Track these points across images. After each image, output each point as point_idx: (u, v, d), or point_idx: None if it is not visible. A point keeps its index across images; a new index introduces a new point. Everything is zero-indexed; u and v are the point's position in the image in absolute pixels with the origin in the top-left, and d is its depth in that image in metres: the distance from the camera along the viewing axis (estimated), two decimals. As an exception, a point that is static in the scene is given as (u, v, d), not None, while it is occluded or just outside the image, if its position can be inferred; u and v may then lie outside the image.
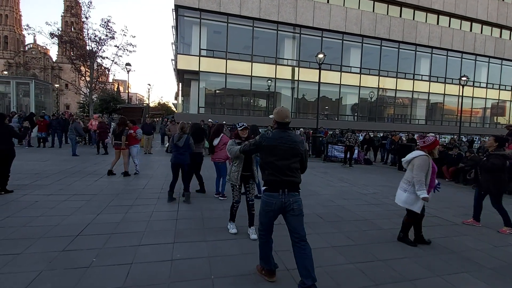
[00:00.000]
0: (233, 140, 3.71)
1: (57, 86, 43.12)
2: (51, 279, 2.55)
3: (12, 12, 66.71)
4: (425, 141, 3.67)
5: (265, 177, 2.61)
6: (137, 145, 7.52)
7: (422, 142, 3.69)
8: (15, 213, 4.18)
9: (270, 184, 2.56)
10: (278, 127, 2.66)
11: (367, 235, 4.02)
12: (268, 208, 2.56)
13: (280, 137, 2.59)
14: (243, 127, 3.82)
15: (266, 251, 2.70)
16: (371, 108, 25.08)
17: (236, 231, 3.77)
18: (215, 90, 22.02)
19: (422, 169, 3.51)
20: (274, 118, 2.67)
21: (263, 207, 2.60)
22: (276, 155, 2.55)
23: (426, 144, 3.64)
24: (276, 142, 2.57)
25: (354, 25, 22.49)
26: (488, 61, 27.83)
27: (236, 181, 3.61)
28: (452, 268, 3.16)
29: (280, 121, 2.64)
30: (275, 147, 2.55)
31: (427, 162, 3.55)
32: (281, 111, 2.66)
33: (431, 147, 3.63)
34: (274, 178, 2.54)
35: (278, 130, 2.65)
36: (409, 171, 3.68)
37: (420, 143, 3.74)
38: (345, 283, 2.73)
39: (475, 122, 29.01)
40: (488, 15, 26.64)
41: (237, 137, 3.85)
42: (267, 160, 2.58)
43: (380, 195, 6.61)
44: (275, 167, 2.54)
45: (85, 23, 19.73)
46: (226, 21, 19.97)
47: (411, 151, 3.77)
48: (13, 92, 16.81)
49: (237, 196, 3.73)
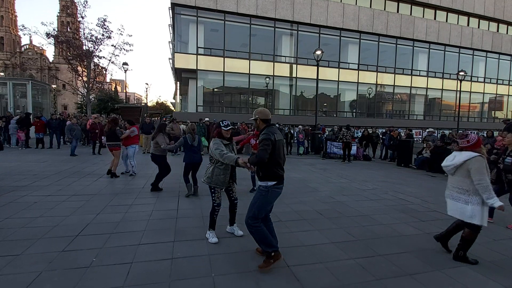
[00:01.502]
0: (220, 140, 3.37)
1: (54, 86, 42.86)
2: (51, 280, 2.54)
3: (8, 12, 66.20)
4: (469, 140, 3.14)
5: (272, 172, 2.79)
6: (135, 146, 7.25)
7: (466, 142, 3.15)
8: (14, 214, 4.17)
9: (279, 178, 2.81)
10: (266, 124, 2.92)
11: (367, 231, 4.03)
12: (273, 200, 2.88)
13: (276, 131, 2.86)
14: (229, 127, 3.43)
15: (268, 236, 2.86)
16: (370, 104, 25.08)
17: (217, 240, 3.44)
18: (213, 88, 21.94)
19: (483, 172, 2.97)
20: (260, 117, 2.92)
21: (270, 200, 2.84)
22: (279, 149, 2.82)
23: (470, 143, 3.12)
24: (280, 137, 2.86)
25: (352, 21, 22.43)
26: (486, 55, 27.85)
27: (222, 184, 3.35)
28: (452, 262, 3.18)
29: (266, 118, 2.93)
30: (280, 141, 2.84)
31: (484, 163, 3.03)
32: (264, 110, 2.96)
33: (476, 146, 3.12)
34: (282, 172, 2.85)
35: (270, 126, 2.90)
36: (461, 177, 3.12)
37: (464, 143, 3.18)
38: (345, 279, 2.74)
39: (473, 116, 29.07)
40: (485, 10, 26.61)
41: (220, 137, 3.44)
42: (274, 155, 2.78)
43: (380, 191, 6.63)
44: (280, 161, 2.84)
45: (81, 22, 19.65)
46: (223, 18, 19.86)
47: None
48: (10, 93, 16.70)
49: (219, 199, 3.44)
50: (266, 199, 2.81)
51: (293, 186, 6.74)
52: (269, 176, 2.78)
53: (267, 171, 2.78)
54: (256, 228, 2.81)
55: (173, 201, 5.12)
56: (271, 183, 2.78)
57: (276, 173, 2.78)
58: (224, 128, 3.41)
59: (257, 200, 2.85)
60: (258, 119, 2.94)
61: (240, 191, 5.82)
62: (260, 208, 2.82)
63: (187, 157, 5.47)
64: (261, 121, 2.92)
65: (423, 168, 10.17)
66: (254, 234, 2.84)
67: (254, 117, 2.96)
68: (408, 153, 11.14)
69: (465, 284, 2.73)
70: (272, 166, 2.77)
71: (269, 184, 2.78)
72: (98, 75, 21.88)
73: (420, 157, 10.58)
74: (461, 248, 3.20)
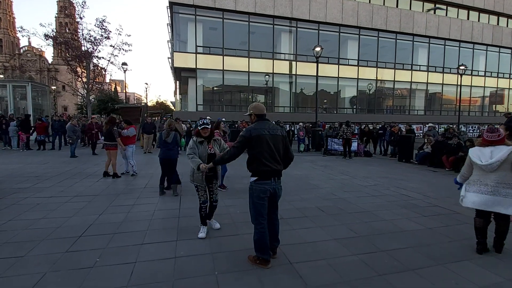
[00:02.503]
0: (195, 139, 3.48)
1: (54, 88, 42.88)
2: (55, 281, 2.56)
3: (5, 14, 66.09)
4: (499, 134, 3.17)
5: (253, 168, 2.78)
6: (132, 146, 7.22)
7: (497, 136, 3.17)
8: (17, 216, 4.19)
9: (261, 174, 2.76)
10: (258, 119, 2.89)
11: (369, 227, 4.03)
12: (261, 196, 2.76)
13: (265, 126, 2.81)
14: (204, 126, 3.43)
15: (266, 241, 2.81)
16: (370, 100, 25.02)
17: (205, 235, 3.52)
18: (213, 87, 21.92)
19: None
20: (253, 112, 2.90)
21: (257, 196, 2.77)
22: (263, 144, 2.73)
23: (501, 136, 3.16)
24: (264, 131, 2.77)
25: (351, 17, 22.32)
26: (486, 49, 27.72)
27: (201, 182, 3.44)
28: (454, 256, 3.18)
29: (260, 113, 2.90)
30: (263, 136, 2.75)
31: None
32: (259, 105, 2.95)
33: (505, 139, 3.19)
34: (265, 168, 2.75)
35: (260, 121, 2.87)
36: (506, 171, 3.08)
37: (494, 137, 3.18)
38: (348, 275, 2.74)
39: (474, 111, 28.98)
40: (485, 3, 26.46)
41: (199, 135, 3.49)
42: (254, 151, 2.75)
43: (381, 187, 6.62)
44: (263, 157, 2.74)
45: (79, 23, 19.62)
46: (221, 17, 19.80)
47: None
48: (10, 95, 16.70)
49: (203, 197, 3.52)
50: (254, 197, 2.79)
51: (294, 183, 6.74)
52: (252, 171, 2.81)
53: (249, 166, 2.82)
54: (258, 230, 2.81)
55: (175, 201, 5.13)
56: (253, 179, 2.80)
57: (259, 170, 2.76)
58: (199, 128, 3.47)
59: (249, 200, 2.88)
60: (252, 114, 2.92)
61: (240, 189, 5.84)
62: (253, 207, 2.82)
63: (161, 152, 5.52)
64: (255, 116, 2.91)
65: (424, 163, 10.15)
66: (254, 234, 2.85)
67: (249, 112, 2.94)
68: (409, 148, 11.13)
69: (469, 278, 2.73)
70: (253, 162, 2.77)
71: (251, 180, 2.81)
72: (98, 76, 21.89)
73: (421, 152, 10.56)
74: (504, 238, 3.26)
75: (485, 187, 3.17)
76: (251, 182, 2.81)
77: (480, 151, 3.24)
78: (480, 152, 3.23)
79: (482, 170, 3.20)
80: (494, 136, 3.16)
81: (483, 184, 3.19)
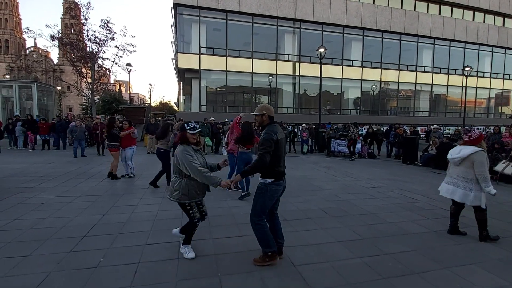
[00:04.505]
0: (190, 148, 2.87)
1: (59, 88, 43.32)
2: (59, 280, 2.57)
3: (12, 15, 66.82)
4: (471, 135, 3.61)
5: (273, 171, 2.81)
6: (133, 147, 7.14)
7: (469, 136, 3.62)
8: (22, 215, 4.23)
9: (278, 175, 2.83)
10: (271, 121, 2.90)
11: (372, 229, 4.00)
12: (275, 196, 2.87)
13: (279, 129, 2.87)
14: (197, 130, 2.88)
15: (269, 233, 2.89)
16: (374, 101, 24.88)
17: (194, 255, 3.03)
18: (216, 88, 21.95)
19: (485, 164, 3.48)
20: (267, 113, 2.89)
21: (270, 196, 2.83)
22: (282, 147, 2.84)
23: (472, 138, 3.59)
24: (282, 134, 2.86)
25: (355, 17, 22.24)
26: (492, 50, 27.43)
27: (196, 196, 2.94)
28: (459, 260, 3.14)
29: (272, 115, 2.92)
30: (282, 139, 2.85)
31: (485, 157, 3.51)
32: (270, 106, 2.97)
33: (477, 141, 3.58)
34: (282, 169, 2.87)
35: (273, 123, 2.90)
36: (465, 168, 3.59)
37: (466, 137, 3.66)
38: (352, 278, 2.73)
39: (479, 112, 28.68)
40: (490, 4, 26.21)
41: (184, 141, 2.87)
42: (276, 154, 2.79)
43: (385, 189, 6.58)
44: (281, 159, 2.86)
45: (84, 24, 19.79)
46: (225, 18, 19.84)
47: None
48: (16, 95, 16.91)
49: (197, 213, 3.02)
50: (267, 196, 2.83)
51: (298, 184, 6.72)
52: (269, 174, 2.80)
53: (268, 169, 2.79)
54: (259, 226, 2.84)
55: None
56: (269, 180, 2.80)
57: (277, 171, 2.81)
58: (190, 132, 2.84)
59: (258, 198, 2.86)
60: (265, 115, 2.88)
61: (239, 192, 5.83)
62: (262, 205, 2.84)
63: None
64: (268, 117, 2.89)
65: (429, 165, 10.06)
66: (256, 231, 2.87)
67: (261, 112, 2.86)
68: (414, 150, 11.05)
69: (474, 282, 2.70)
70: (273, 165, 2.78)
71: (268, 181, 2.81)
72: (102, 77, 22.04)
73: (426, 154, 10.47)
74: (482, 228, 3.63)
75: (450, 178, 3.79)
76: (267, 183, 2.81)
77: (456, 148, 3.80)
78: (456, 149, 3.78)
79: (452, 164, 3.79)
80: (466, 136, 3.68)
81: (449, 176, 3.82)
